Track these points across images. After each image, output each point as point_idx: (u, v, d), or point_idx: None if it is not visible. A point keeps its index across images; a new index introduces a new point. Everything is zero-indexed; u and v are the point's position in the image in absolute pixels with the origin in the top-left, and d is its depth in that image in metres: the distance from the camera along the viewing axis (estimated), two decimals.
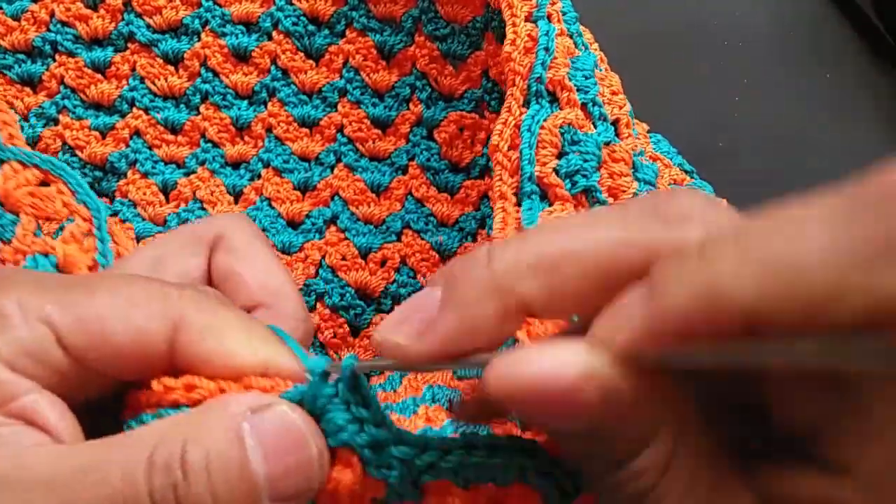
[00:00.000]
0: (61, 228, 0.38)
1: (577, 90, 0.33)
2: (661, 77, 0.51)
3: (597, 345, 0.17)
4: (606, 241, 0.19)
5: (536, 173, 0.31)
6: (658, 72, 0.51)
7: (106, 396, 0.22)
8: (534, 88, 0.32)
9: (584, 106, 0.33)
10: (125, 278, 0.23)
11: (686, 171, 0.38)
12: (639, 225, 0.19)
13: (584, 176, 0.31)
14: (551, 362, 0.17)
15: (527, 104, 0.32)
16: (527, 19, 0.34)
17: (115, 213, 0.43)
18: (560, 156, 0.32)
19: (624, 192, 0.32)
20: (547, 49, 0.33)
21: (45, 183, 0.39)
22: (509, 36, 0.34)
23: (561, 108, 0.32)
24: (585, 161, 0.31)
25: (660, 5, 0.53)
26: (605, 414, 0.17)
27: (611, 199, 0.32)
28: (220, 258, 0.28)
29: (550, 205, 0.31)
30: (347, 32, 0.42)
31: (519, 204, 0.31)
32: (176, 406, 0.21)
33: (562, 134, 0.32)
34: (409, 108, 0.42)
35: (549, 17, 0.34)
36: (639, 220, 0.19)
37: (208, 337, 0.21)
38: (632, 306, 0.17)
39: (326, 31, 0.43)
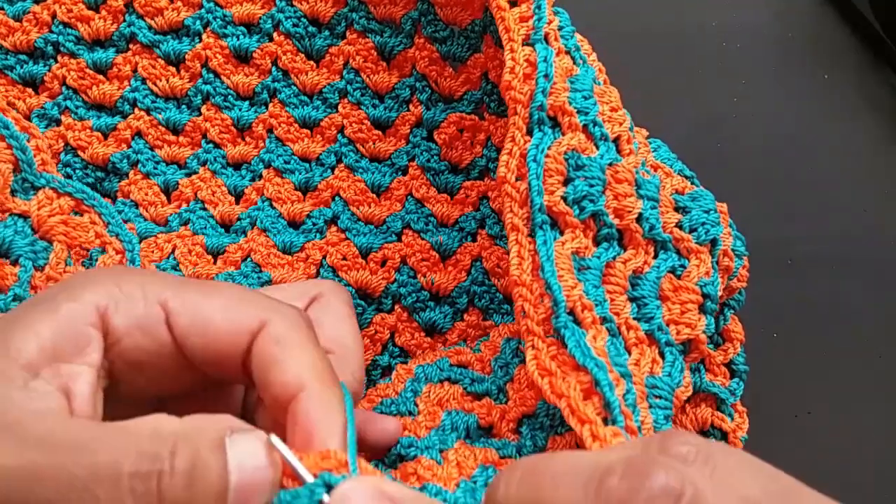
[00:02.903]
0: (90, 259, 0.38)
1: (578, 112, 0.33)
2: (660, 78, 0.51)
3: None
4: None
5: (546, 203, 0.31)
6: (657, 73, 0.51)
7: (182, 397, 0.27)
8: (535, 116, 0.33)
9: (585, 128, 0.33)
10: (236, 286, 0.27)
11: (686, 177, 0.38)
12: None
13: (592, 201, 0.32)
14: None
15: (529, 132, 0.33)
16: (524, 41, 0.34)
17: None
18: (566, 182, 0.32)
19: (629, 212, 0.33)
20: (546, 76, 0.33)
21: (77, 212, 0.39)
22: (508, 63, 0.34)
23: (563, 133, 0.33)
24: (591, 186, 0.32)
25: (659, 7, 0.53)
26: None
27: (617, 220, 0.33)
28: (315, 310, 0.32)
29: (561, 233, 0.31)
30: (348, 34, 0.43)
31: (531, 234, 0.31)
32: None
33: (566, 160, 0.32)
34: (409, 110, 0.43)
35: (546, 38, 0.34)
36: None
37: (280, 345, 0.25)
38: None
39: (327, 33, 0.43)
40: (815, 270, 0.48)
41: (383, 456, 0.33)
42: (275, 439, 0.23)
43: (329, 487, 0.23)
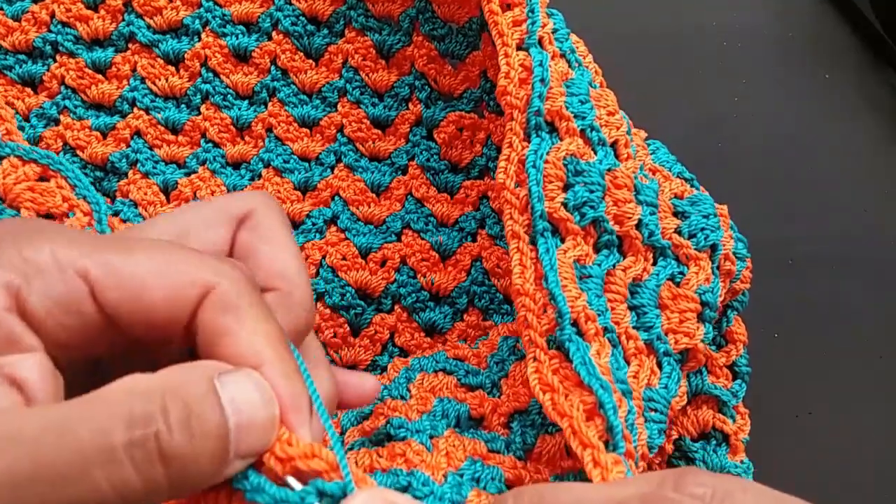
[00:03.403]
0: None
1: (575, 117, 0.33)
2: (660, 78, 0.51)
3: None
4: None
5: (546, 209, 0.31)
6: (657, 73, 0.51)
7: (117, 354, 0.24)
8: (533, 122, 0.32)
9: (582, 132, 0.33)
10: (162, 243, 0.24)
11: (686, 180, 0.38)
12: None
13: (592, 207, 0.31)
14: None
15: (527, 137, 0.32)
16: (518, 46, 0.34)
17: (116, 213, 0.43)
18: (566, 188, 0.32)
19: (629, 218, 0.32)
20: (542, 80, 0.33)
21: (44, 178, 0.39)
22: (503, 68, 0.34)
23: (561, 138, 0.32)
24: (591, 192, 0.32)
25: (659, 7, 0.53)
26: None
27: (616, 227, 0.32)
28: (245, 235, 0.28)
29: (562, 240, 0.31)
30: (346, 32, 0.43)
31: (532, 242, 0.31)
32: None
33: (565, 166, 0.32)
34: (408, 108, 0.42)
35: (540, 42, 0.34)
36: None
37: (230, 314, 0.23)
38: None
39: (326, 31, 0.43)
40: (815, 270, 0.48)
41: (371, 434, 0.33)
42: (291, 480, 0.22)
43: (322, 495, 0.22)
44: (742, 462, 0.37)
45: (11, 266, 0.22)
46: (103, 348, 0.24)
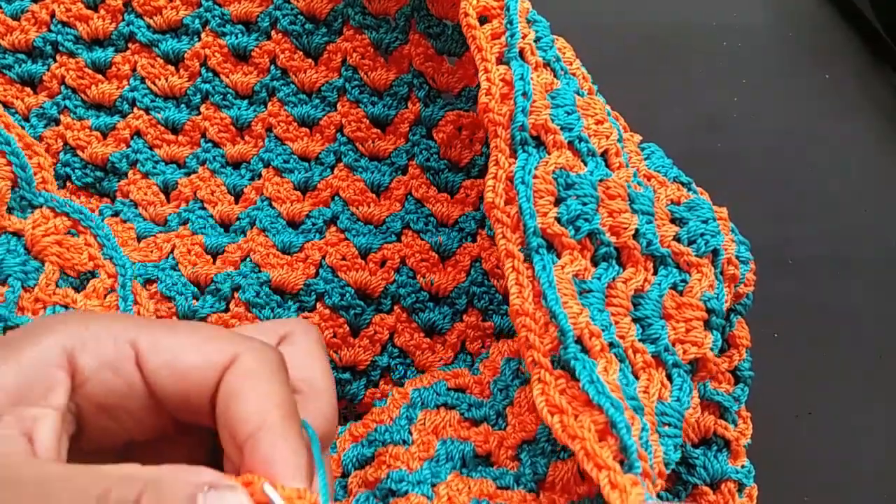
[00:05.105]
0: (83, 279, 0.38)
1: (562, 129, 0.32)
2: (660, 77, 0.51)
3: None
4: None
5: (539, 225, 0.30)
6: (657, 72, 0.51)
7: (149, 441, 0.26)
8: (518, 137, 0.31)
9: (570, 144, 0.32)
10: (204, 326, 0.27)
11: (682, 184, 0.37)
12: None
13: (586, 220, 0.30)
14: None
15: (513, 153, 0.31)
16: (498, 60, 0.33)
17: (116, 213, 0.43)
18: (557, 202, 0.31)
19: (625, 228, 0.32)
20: (525, 94, 0.32)
21: (73, 232, 0.39)
22: (483, 85, 0.33)
23: (548, 152, 0.31)
24: (584, 204, 0.31)
25: (659, 6, 0.53)
26: None
27: (613, 238, 0.31)
28: (281, 349, 0.29)
29: (558, 256, 0.30)
30: (344, 30, 0.43)
31: (528, 260, 0.30)
32: None
33: (555, 179, 0.31)
34: (407, 107, 0.42)
35: (521, 53, 0.33)
36: None
37: (248, 379, 0.24)
38: None
39: (324, 30, 0.43)
40: (815, 270, 0.48)
41: (374, 486, 0.32)
42: (268, 488, 0.22)
43: None
44: (743, 466, 0.36)
45: (73, 333, 0.24)
46: (138, 425, 0.25)
